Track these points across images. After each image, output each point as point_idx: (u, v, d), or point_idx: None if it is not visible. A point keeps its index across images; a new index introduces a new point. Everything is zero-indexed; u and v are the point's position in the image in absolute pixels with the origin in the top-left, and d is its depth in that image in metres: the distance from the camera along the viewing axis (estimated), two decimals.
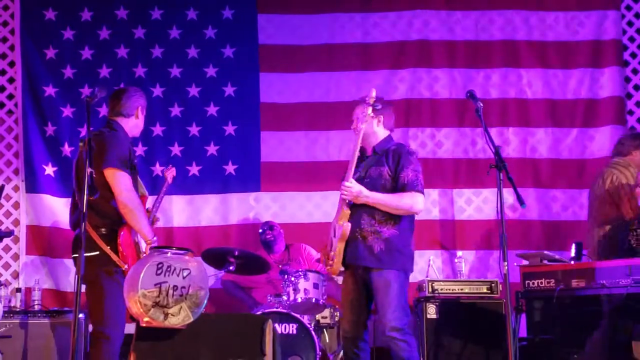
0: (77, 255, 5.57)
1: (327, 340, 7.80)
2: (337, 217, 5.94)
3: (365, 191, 5.82)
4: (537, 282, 6.58)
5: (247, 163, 8.79)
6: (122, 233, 5.60)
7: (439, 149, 8.72)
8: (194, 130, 8.79)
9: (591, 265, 6.54)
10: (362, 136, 5.92)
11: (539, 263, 6.80)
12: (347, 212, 5.87)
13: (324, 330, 7.73)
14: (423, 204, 5.98)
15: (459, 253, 8.26)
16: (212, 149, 8.77)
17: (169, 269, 4.52)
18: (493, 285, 7.50)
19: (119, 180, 5.61)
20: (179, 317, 4.49)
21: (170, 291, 4.49)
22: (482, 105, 5.61)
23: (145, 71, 8.82)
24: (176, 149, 8.75)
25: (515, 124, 8.82)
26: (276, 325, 7.18)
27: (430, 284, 7.48)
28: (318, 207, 8.67)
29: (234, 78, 8.88)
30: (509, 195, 8.46)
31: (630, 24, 8.94)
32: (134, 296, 4.47)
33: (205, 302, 4.64)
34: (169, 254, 4.62)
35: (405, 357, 5.78)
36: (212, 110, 8.83)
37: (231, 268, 7.54)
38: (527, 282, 6.68)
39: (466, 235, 8.60)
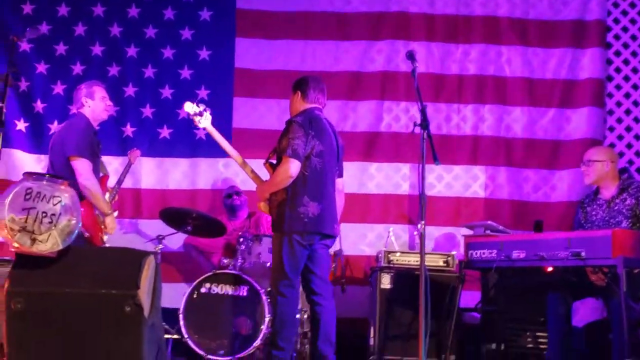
0: None
1: None
2: None
3: (257, 191, 6.41)
4: (480, 253, 6.42)
5: (218, 128, 8.57)
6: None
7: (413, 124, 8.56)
8: (167, 92, 8.71)
9: (532, 237, 6.38)
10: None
11: (482, 233, 6.68)
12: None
13: None
14: (294, 166, 6.08)
15: (418, 225, 8.12)
16: (183, 113, 8.62)
17: (38, 195, 4.41)
18: (449, 258, 7.39)
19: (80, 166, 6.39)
20: (47, 244, 4.37)
21: (40, 217, 4.38)
22: (418, 65, 5.67)
23: (120, 30, 8.73)
24: (148, 111, 8.68)
25: (491, 102, 8.65)
26: (227, 286, 7.17)
27: (386, 254, 7.38)
28: None
29: (210, 42, 8.77)
30: (480, 174, 8.45)
31: (616, 5, 8.71)
32: (2, 221, 4.36)
33: (77, 231, 4.54)
34: (43, 182, 4.51)
35: (276, 312, 6.09)
36: (186, 73, 8.73)
37: (188, 228, 7.51)
38: (470, 252, 6.52)
39: (434, 212, 8.40)
